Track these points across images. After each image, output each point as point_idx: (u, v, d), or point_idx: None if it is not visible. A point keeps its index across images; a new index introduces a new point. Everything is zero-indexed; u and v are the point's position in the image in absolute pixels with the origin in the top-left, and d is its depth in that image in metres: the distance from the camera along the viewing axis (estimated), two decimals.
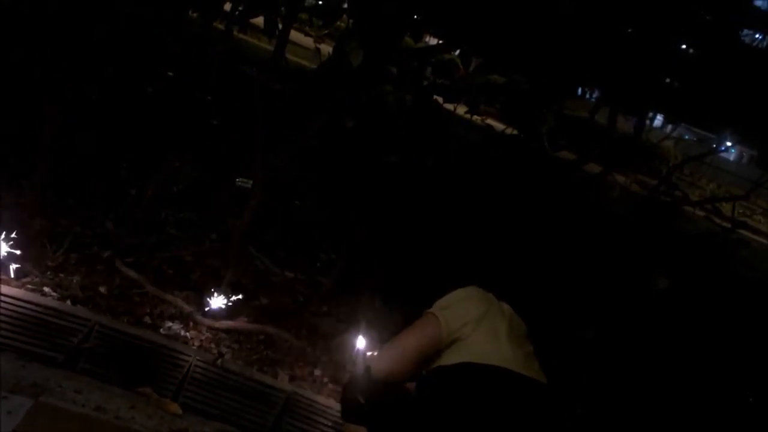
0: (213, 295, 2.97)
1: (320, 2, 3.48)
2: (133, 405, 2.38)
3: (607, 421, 3.29)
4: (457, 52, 3.77)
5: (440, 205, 3.75)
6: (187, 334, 2.82)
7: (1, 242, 2.69)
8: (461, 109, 4.22)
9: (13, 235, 2.72)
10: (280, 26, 3.52)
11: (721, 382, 4.12)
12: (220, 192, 3.60)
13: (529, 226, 3.89)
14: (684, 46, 4.21)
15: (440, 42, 3.74)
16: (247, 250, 3.46)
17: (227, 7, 3.59)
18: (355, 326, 2.99)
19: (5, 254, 2.69)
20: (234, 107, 3.84)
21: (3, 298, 2.52)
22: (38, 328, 2.49)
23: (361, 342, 2.89)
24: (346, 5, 3.21)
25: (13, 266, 2.70)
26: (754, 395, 4.15)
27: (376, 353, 2.02)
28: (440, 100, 3.97)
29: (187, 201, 3.69)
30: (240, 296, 3.05)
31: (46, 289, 2.70)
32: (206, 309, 2.95)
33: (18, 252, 2.72)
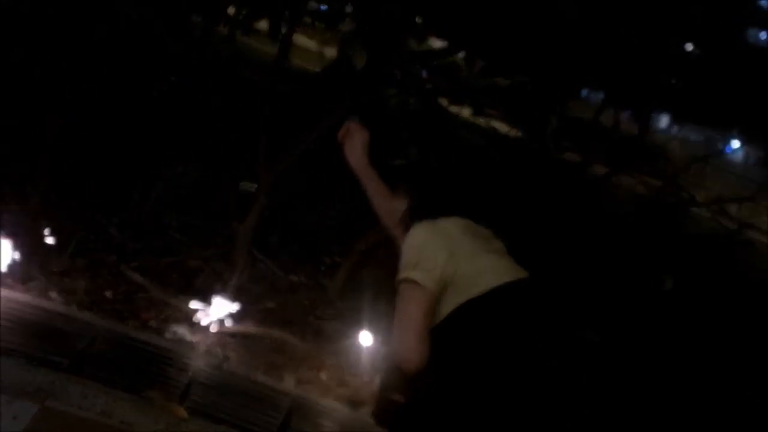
0: (218, 299, 2.97)
1: (323, 6, 3.48)
2: (138, 409, 2.37)
3: (609, 422, 3.27)
4: (461, 54, 3.76)
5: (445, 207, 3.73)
6: (193, 338, 2.82)
7: (7, 247, 2.69)
8: (465, 112, 4.22)
9: (18, 240, 2.72)
10: (284, 30, 3.52)
11: (726, 383, 4.10)
12: (224, 195, 3.59)
13: (533, 227, 3.88)
14: (688, 46, 4.20)
15: (444, 44, 3.74)
16: (252, 253, 3.46)
17: (231, 11, 3.60)
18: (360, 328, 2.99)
19: (10, 259, 2.69)
20: (237, 110, 3.84)
21: (8, 303, 2.53)
22: (44, 332, 2.49)
23: (367, 341, 2.89)
24: (349, 9, 3.21)
25: (18, 271, 2.70)
26: (758, 396, 4.13)
27: (390, 354, 1.98)
28: (444, 102, 3.96)
29: (191, 205, 3.69)
30: (245, 300, 3.04)
31: (51, 294, 2.71)
32: (211, 313, 2.94)
33: (23, 257, 2.73)
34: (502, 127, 4.73)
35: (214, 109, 3.72)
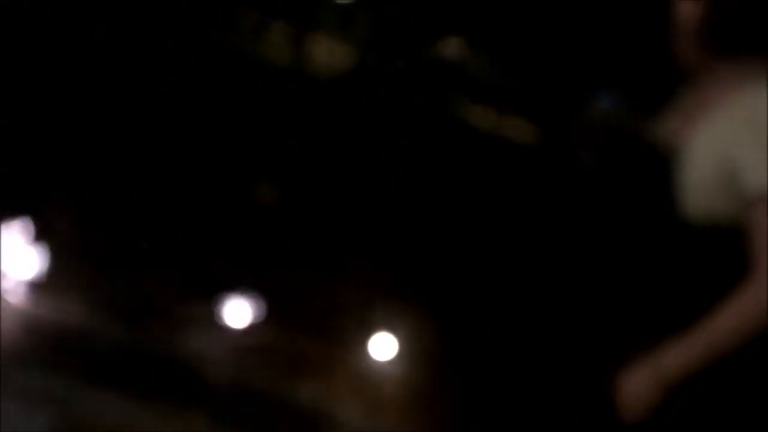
0: (237, 305, 2.96)
1: (338, 9, 3.48)
2: (159, 418, 2.37)
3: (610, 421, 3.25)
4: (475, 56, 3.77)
5: (461, 210, 3.71)
6: (212, 345, 2.81)
7: (30, 255, 2.71)
8: (479, 115, 4.21)
9: (36, 248, 2.74)
10: (296, 32, 3.53)
11: (729, 384, 4.08)
12: (239, 198, 3.58)
13: (550, 232, 3.86)
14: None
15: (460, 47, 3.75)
16: (270, 257, 3.44)
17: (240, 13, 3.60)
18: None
19: (29, 267, 2.70)
20: (249, 113, 3.83)
21: (28, 311, 2.55)
22: (63, 341, 2.51)
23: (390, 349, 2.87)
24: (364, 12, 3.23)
25: (36, 279, 2.71)
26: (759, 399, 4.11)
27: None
28: (457, 104, 3.96)
29: (207, 207, 3.66)
30: (265, 305, 3.02)
31: (70, 301, 2.70)
32: (231, 319, 2.93)
33: (42, 264, 2.73)
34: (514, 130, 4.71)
35: (225, 111, 3.71)
